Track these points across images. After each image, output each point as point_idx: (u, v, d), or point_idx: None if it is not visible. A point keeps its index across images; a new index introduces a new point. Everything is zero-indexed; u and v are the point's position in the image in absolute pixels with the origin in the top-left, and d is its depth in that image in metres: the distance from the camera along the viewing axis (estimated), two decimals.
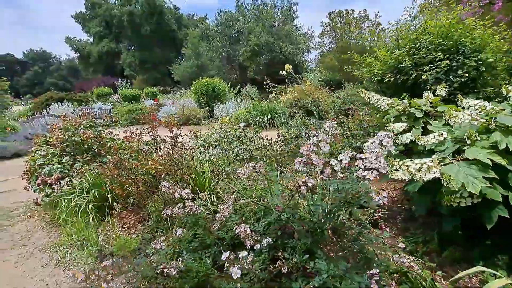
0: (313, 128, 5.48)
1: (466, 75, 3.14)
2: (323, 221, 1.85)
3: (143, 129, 3.50)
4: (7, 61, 52.09)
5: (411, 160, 2.06)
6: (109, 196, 2.93)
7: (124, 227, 2.99)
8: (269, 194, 2.57)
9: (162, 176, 2.57)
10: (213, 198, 2.79)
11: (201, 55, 26.16)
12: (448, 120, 1.97)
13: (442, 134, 2.08)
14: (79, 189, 3.19)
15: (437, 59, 3.25)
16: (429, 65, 3.28)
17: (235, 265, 1.38)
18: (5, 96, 8.80)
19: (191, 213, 2.06)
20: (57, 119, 10.20)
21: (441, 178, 1.84)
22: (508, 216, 1.75)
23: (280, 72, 4.70)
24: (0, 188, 5.01)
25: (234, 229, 1.94)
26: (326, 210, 1.75)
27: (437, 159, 1.96)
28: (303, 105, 11.51)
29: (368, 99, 2.69)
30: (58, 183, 3.36)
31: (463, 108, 2.33)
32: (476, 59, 3.07)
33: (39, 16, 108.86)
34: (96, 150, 3.75)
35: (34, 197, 4.13)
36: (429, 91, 2.62)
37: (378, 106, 2.65)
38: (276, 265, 1.57)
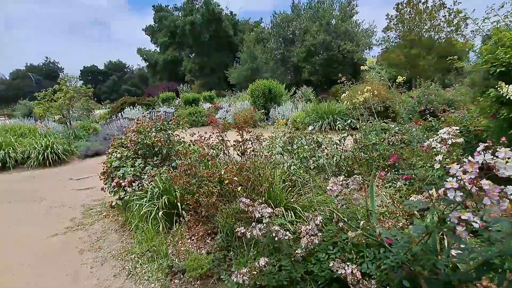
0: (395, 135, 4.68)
1: None
2: (472, 273, 1.27)
3: (212, 132, 3.30)
4: (92, 72, 61.07)
5: None
6: (179, 204, 2.76)
7: (193, 239, 2.79)
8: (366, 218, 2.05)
9: (239, 188, 2.26)
10: (291, 215, 2.38)
11: (256, 58, 26.38)
12: None
13: None
14: (150, 194, 3.12)
15: None
16: None
17: None
18: (90, 101, 10.00)
19: (276, 238, 1.68)
20: (130, 121, 11.16)
21: None
22: None
23: (362, 67, 4.07)
24: (82, 184, 5.48)
25: (331, 265, 1.50)
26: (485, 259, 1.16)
27: None
28: (370, 106, 10.48)
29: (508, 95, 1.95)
30: (130, 186, 3.37)
31: None
32: None
33: (117, 32, 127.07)
34: (165, 153, 3.71)
35: (110, 196, 4.31)
36: None
37: None
38: None
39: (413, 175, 2.36)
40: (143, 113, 15.55)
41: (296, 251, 1.79)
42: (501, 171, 0.98)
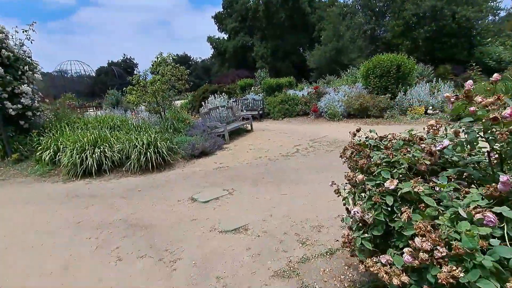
0: None
1: None
2: None
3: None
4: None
5: None
6: None
7: None
8: None
9: None
10: None
11: (342, 36, 22.39)
12: None
13: None
14: None
15: None
16: None
17: None
18: (186, 85, 8.12)
19: None
20: (228, 110, 9.03)
21: None
22: None
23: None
24: (221, 217, 3.18)
25: None
26: None
27: None
28: None
29: None
30: None
31: None
32: None
33: (179, 28, 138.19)
34: None
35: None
36: None
37: None
38: None
39: None
40: (228, 101, 13.59)
41: None
42: None
